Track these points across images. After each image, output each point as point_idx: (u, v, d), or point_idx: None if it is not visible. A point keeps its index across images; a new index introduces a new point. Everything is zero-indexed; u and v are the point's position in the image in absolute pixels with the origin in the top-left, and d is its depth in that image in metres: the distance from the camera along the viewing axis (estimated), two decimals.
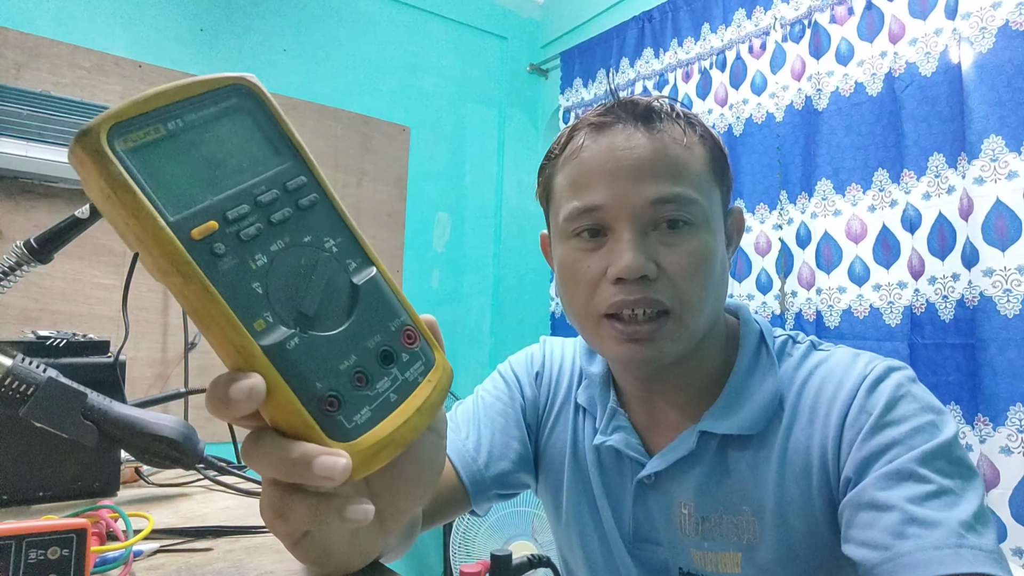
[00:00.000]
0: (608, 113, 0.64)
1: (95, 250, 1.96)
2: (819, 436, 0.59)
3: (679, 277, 0.59)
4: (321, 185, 0.32)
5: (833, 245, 1.73)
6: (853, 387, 0.59)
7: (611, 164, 0.61)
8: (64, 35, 1.95)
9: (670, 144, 0.61)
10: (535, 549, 2.00)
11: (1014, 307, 1.36)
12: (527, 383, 0.80)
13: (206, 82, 0.29)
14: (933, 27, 1.55)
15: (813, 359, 0.65)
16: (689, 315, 0.60)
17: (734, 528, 0.62)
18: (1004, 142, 1.40)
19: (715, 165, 0.64)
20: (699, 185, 0.61)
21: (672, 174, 0.60)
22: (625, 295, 0.59)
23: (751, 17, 1.98)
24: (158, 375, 2.06)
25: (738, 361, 0.66)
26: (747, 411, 0.62)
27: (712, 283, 0.61)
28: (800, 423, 0.61)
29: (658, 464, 0.66)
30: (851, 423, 0.57)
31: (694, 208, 0.60)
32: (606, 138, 0.62)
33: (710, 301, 0.61)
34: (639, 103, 0.63)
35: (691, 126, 0.64)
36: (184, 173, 0.27)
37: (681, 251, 0.59)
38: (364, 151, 2.50)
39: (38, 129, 1.83)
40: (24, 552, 0.45)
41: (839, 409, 0.59)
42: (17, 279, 0.84)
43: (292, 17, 2.38)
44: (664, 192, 0.59)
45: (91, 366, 0.82)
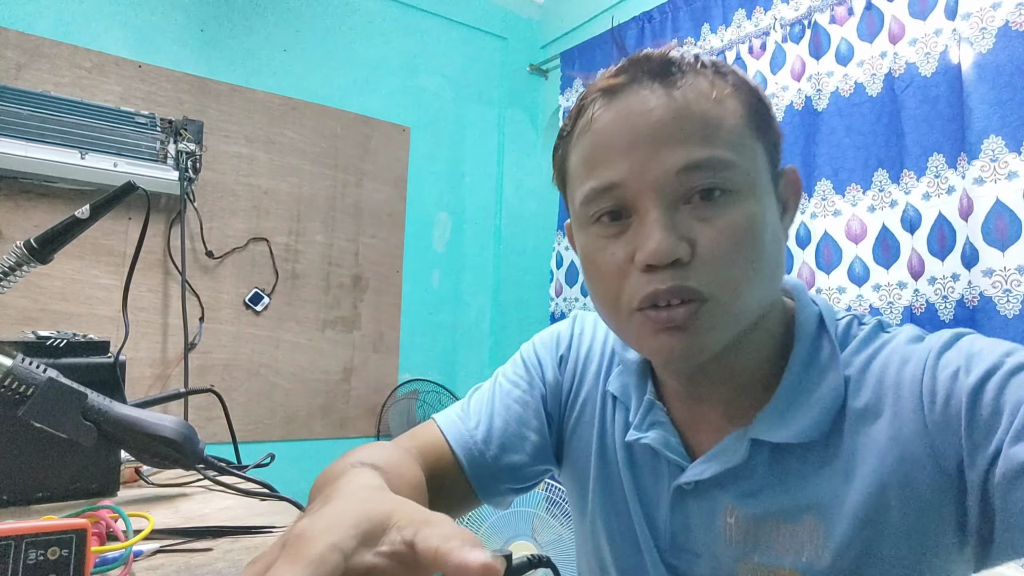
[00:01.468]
0: (620, 73, 0.54)
1: (95, 250, 1.96)
2: (891, 430, 0.51)
3: (719, 257, 0.50)
4: None
5: (833, 245, 1.73)
6: (920, 360, 0.51)
7: (627, 133, 0.52)
8: (64, 35, 1.95)
9: (695, 100, 0.51)
10: (535, 549, 2.00)
11: (1014, 307, 1.36)
12: (550, 367, 0.72)
13: None
14: (933, 27, 1.55)
15: (876, 342, 0.56)
16: (734, 300, 0.51)
17: (792, 537, 0.54)
18: (1004, 142, 1.40)
19: (755, 117, 0.54)
20: (736, 144, 0.51)
21: (701, 135, 0.50)
22: (657, 284, 0.50)
23: (751, 17, 1.98)
24: (158, 375, 2.06)
25: (794, 353, 0.56)
26: (806, 415, 0.54)
27: (762, 260, 0.51)
28: (867, 418, 0.53)
29: (701, 471, 0.57)
30: (931, 407, 0.49)
31: (732, 172, 0.50)
32: (620, 103, 0.53)
33: (761, 282, 0.52)
34: (653, 57, 0.54)
35: (720, 75, 0.54)
36: None
37: (720, 225, 0.50)
38: (364, 151, 2.50)
39: (38, 129, 1.83)
40: (24, 552, 0.45)
41: (909, 394, 0.51)
42: (17, 279, 0.84)
43: (292, 17, 2.38)
44: (693, 157, 0.50)
45: (91, 366, 0.82)
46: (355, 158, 2.48)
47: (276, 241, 2.29)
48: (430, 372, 2.60)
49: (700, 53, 0.56)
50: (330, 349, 2.39)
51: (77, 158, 1.87)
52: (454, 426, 0.69)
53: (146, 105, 2.05)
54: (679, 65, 0.53)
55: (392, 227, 2.57)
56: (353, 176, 2.48)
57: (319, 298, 2.38)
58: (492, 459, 0.68)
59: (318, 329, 2.37)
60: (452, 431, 0.69)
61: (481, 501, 0.69)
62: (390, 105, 2.58)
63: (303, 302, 2.34)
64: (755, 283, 0.52)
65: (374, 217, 2.52)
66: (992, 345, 0.50)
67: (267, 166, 2.28)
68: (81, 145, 1.88)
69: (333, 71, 2.45)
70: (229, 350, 2.19)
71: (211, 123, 2.16)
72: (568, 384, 0.71)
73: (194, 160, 2.06)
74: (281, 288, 2.29)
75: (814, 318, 0.58)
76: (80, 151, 1.88)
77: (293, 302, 2.32)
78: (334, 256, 2.42)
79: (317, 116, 2.40)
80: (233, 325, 2.20)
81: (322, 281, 2.39)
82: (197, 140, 2.08)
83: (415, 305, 2.61)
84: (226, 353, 2.18)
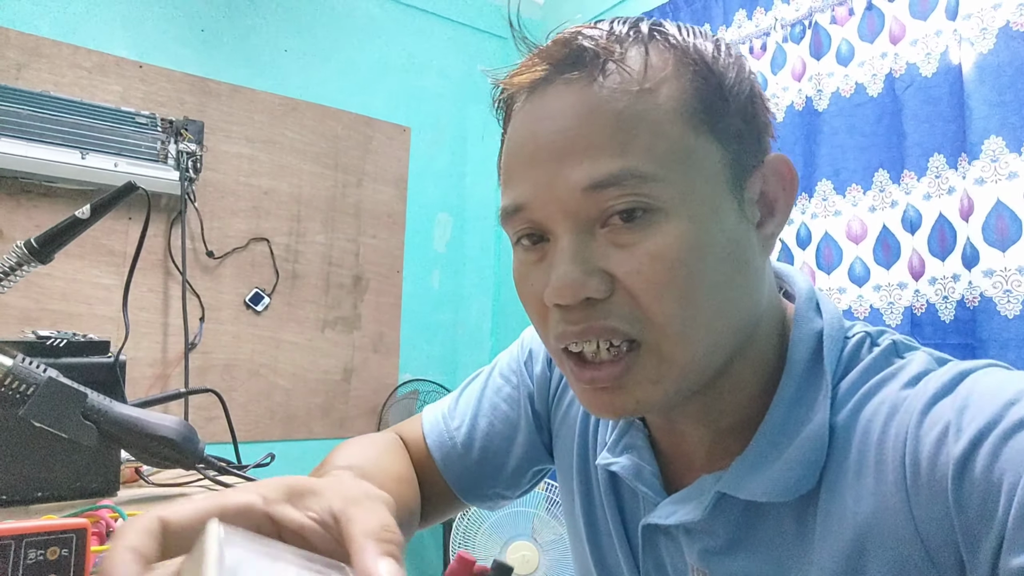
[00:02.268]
0: (537, 65, 0.44)
1: (95, 250, 1.96)
2: (872, 498, 0.40)
3: (641, 291, 0.40)
4: None
5: (833, 246, 1.73)
6: (908, 413, 0.40)
7: (530, 144, 0.43)
8: (65, 36, 1.95)
9: (612, 96, 0.41)
10: (535, 549, 2.00)
11: (1014, 308, 1.36)
12: (539, 360, 0.67)
13: None
14: (934, 28, 1.55)
15: (880, 373, 0.44)
16: (671, 344, 0.41)
17: None
18: (1005, 143, 1.40)
19: (702, 106, 0.42)
20: (663, 149, 0.40)
21: (612, 142, 0.40)
22: (567, 324, 0.42)
23: (751, 18, 1.98)
24: (158, 375, 2.06)
25: (780, 388, 0.45)
26: (783, 467, 0.43)
27: (707, 290, 0.41)
28: (847, 476, 0.42)
29: (667, 514, 0.49)
30: (914, 482, 0.38)
31: (655, 186, 0.40)
32: (533, 102, 0.44)
33: (709, 315, 0.42)
34: (566, 42, 0.44)
35: (659, 53, 0.42)
36: None
37: (640, 253, 0.40)
38: (365, 151, 2.50)
39: (39, 129, 1.83)
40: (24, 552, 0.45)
41: (892, 458, 0.40)
42: (17, 279, 0.84)
43: (293, 17, 2.38)
44: (598, 173, 0.40)
45: (91, 366, 0.82)
46: (356, 158, 2.48)
47: (276, 241, 2.29)
48: (430, 372, 2.60)
49: (641, 22, 0.45)
50: (330, 349, 2.39)
51: (78, 158, 1.87)
52: (436, 427, 0.67)
53: (147, 105, 2.05)
54: (602, 48, 0.42)
55: (392, 227, 2.57)
56: (354, 176, 2.48)
57: (319, 298, 2.38)
58: (475, 463, 0.64)
59: (318, 329, 2.37)
60: (433, 432, 0.67)
61: (466, 504, 0.67)
62: (391, 105, 2.58)
63: (303, 302, 2.34)
64: (699, 321, 0.41)
65: (374, 217, 2.52)
66: (998, 387, 0.38)
67: (268, 166, 2.28)
68: (82, 145, 1.88)
69: (334, 71, 2.45)
70: (229, 350, 2.19)
71: (212, 123, 2.16)
72: (557, 379, 0.65)
73: (195, 160, 2.06)
74: (281, 288, 2.29)
75: (811, 339, 0.46)
76: (81, 151, 1.88)
77: (293, 302, 2.32)
78: (334, 256, 2.42)
79: (318, 116, 2.40)
80: (233, 325, 2.20)
81: (322, 281, 2.39)
82: (198, 140, 2.08)
83: (415, 305, 2.61)
84: (226, 353, 2.18)
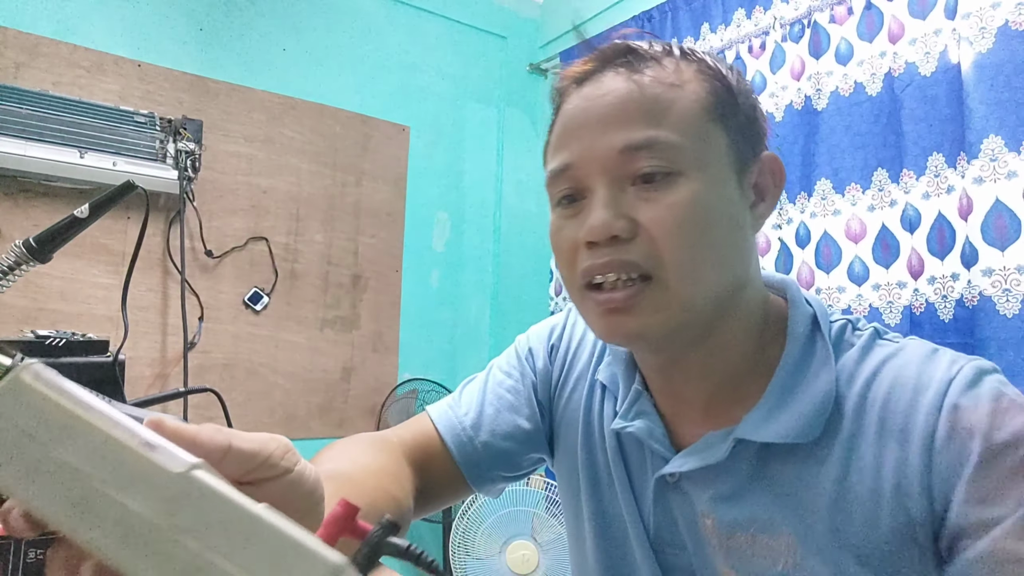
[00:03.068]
0: (588, 62, 0.56)
1: (94, 250, 1.96)
2: (895, 457, 0.49)
3: (660, 235, 0.50)
4: None
5: (832, 245, 1.73)
6: (936, 398, 0.48)
7: (581, 116, 0.54)
8: (63, 35, 1.95)
9: (649, 84, 0.52)
10: (535, 549, 2.00)
11: (1014, 307, 1.36)
12: (541, 356, 0.73)
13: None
14: (933, 27, 1.55)
15: (878, 352, 0.54)
16: (677, 280, 0.50)
17: (768, 550, 0.53)
18: (1004, 142, 1.40)
19: (716, 102, 0.54)
20: (686, 127, 0.51)
21: (647, 116, 0.51)
22: (595, 259, 0.51)
23: (751, 17, 1.98)
24: (157, 375, 2.06)
25: (786, 353, 0.55)
26: (796, 414, 0.52)
27: (711, 242, 0.51)
28: (867, 436, 0.50)
29: (681, 464, 0.57)
30: (943, 447, 0.47)
31: (675, 153, 0.51)
32: (586, 89, 0.55)
33: (709, 263, 0.52)
34: (619, 45, 0.56)
35: (688, 62, 0.55)
36: None
37: (664, 203, 0.50)
38: (363, 150, 2.50)
39: (37, 128, 1.82)
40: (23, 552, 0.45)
41: (922, 426, 0.48)
42: (16, 278, 0.83)
43: (291, 17, 2.37)
44: (633, 138, 0.51)
45: (90, 366, 0.81)
46: (354, 157, 2.48)
47: (275, 240, 2.29)
48: (429, 371, 2.59)
49: (673, 42, 0.57)
50: (329, 348, 2.39)
51: (76, 157, 1.86)
52: (444, 415, 0.71)
53: (145, 104, 2.05)
54: (642, 54, 0.54)
55: (391, 226, 2.56)
56: (352, 175, 2.48)
57: (318, 297, 2.38)
58: (482, 445, 0.68)
59: (317, 328, 2.37)
60: (442, 420, 0.70)
61: (472, 487, 0.70)
62: (389, 104, 2.58)
63: (302, 301, 2.34)
64: (703, 265, 0.51)
65: (373, 216, 2.52)
66: (1017, 403, 0.47)
67: (266, 165, 2.28)
68: (80, 144, 1.88)
69: (332, 70, 2.45)
70: (228, 349, 2.19)
71: (210, 122, 2.16)
72: (557, 373, 0.72)
73: (193, 159, 2.05)
74: (280, 287, 2.29)
75: (807, 318, 0.57)
76: (79, 150, 1.87)
77: (292, 301, 2.32)
78: (333, 255, 2.42)
79: (316, 115, 2.39)
80: (232, 324, 2.20)
81: (321, 280, 2.39)
82: (196, 139, 2.08)
83: (414, 304, 2.60)
84: (225, 352, 2.18)
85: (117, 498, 0.25)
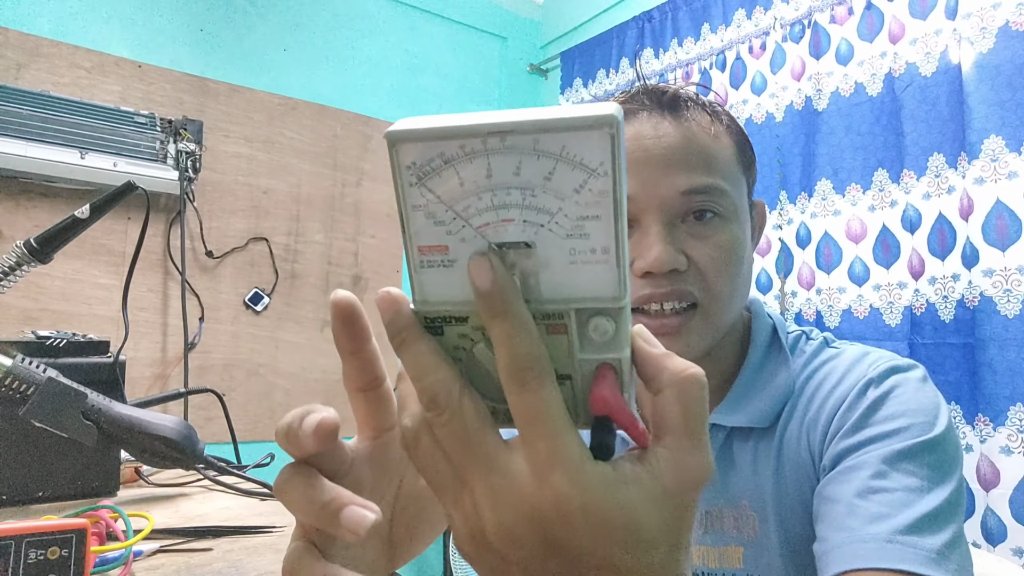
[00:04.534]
0: (633, 100, 0.63)
1: (95, 250, 1.96)
2: (810, 428, 0.59)
3: (709, 270, 0.58)
4: None
5: (833, 245, 1.73)
6: (851, 384, 0.59)
7: (640, 153, 0.59)
8: (64, 35, 1.95)
9: (698, 133, 0.60)
10: None
11: (1014, 307, 1.36)
12: None
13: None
14: (933, 27, 1.55)
15: (823, 355, 0.64)
16: (717, 309, 0.59)
17: (734, 521, 0.62)
18: (1004, 142, 1.40)
19: (742, 156, 0.63)
20: (728, 176, 0.60)
21: (703, 164, 0.59)
22: (654, 288, 0.58)
23: (751, 17, 1.98)
24: (158, 375, 2.06)
25: (749, 355, 0.65)
26: (757, 404, 0.62)
27: (741, 276, 0.61)
28: (796, 415, 0.61)
29: None
30: (839, 418, 0.57)
31: (724, 199, 0.59)
32: (632, 126, 0.61)
33: (738, 295, 0.61)
34: (666, 91, 0.62)
35: (716, 116, 0.63)
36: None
37: (711, 243, 0.58)
38: (364, 151, 2.50)
39: (38, 129, 1.83)
40: (24, 552, 0.45)
41: (832, 403, 0.59)
42: (17, 279, 0.83)
43: (292, 17, 2.37)
44: (696, 182, 0.58)
45: (91, 366, 0.82)
46: (355, 158, 2.48)
47: (276, 241, 2.29)
48: None
49: (698, 93, 0.65)
50: (329, 349, 2.39)
51: (77, 158, 1.86)
52: None
53: (146, 105, 2.05)
54: (686, 101, 0.62)
55: (391, 227, 2.56)
56: (353, 176, 2.48)
57: (318, 298, 2.38)
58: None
59: (317, 329, 2.37)
60: None
61: None
62: (390, 105, 2.58)
63: (302, 302, 2.34)
64: (735, 296, 0.61)
65: (373, 217, 2.52)
66: (907, 391, 0.57)
67: (267, 166, 2.28)
68: (81, 145, 1.88)
69: (333, 71, 2.45)
70: (229, 350, 2.19)
71: (211, 123, 2.16)
72: None
73: (194, 160, 2.06)
74: (281, 288, 2.29)
75: (768, 328, 0.67)
76: (80, 151, 1.87)
77: (293, 302, 2.32)
78: (333, 256, 2.42)
79: (317, 116, 2.39)
80: (233, 325, 2.20)
81: (322, 281, 2.39)
82: (197, 140, 2.08)
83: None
84: (226, 353, 2.18)
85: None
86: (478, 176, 0.24)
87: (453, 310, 0.26)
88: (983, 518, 1.37)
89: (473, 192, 0.24)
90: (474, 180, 0.24)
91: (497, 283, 0.24)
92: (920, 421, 0.54)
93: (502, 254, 0.24)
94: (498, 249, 0.24)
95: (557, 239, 0.24)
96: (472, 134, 0.23)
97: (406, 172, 0.24)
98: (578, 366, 0.26)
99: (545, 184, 0.23)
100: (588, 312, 0.25)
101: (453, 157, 0.24)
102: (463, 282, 0.25)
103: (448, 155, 0.24)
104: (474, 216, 0.24)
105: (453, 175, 0.24)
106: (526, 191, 0.24)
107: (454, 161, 0.24)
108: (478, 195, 0.24)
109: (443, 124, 0.23)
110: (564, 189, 0.23)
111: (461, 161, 0.24)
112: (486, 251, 0.24)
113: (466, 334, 0.26)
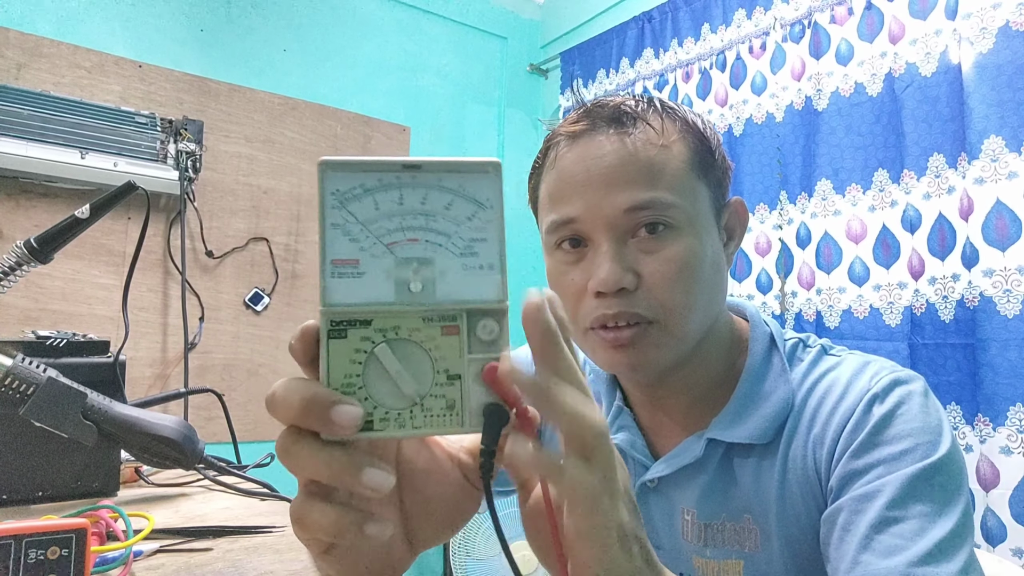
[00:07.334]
0: (580, 120, 0.63)
1: (95, 250, 1.96)
2: (816, 446, 0.59)
3: (660, 286, 0.58)
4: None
5: (833, 245, 1.73)
6: (855, 400, 0.58)
7: (582, 175, 0.60)
8: (64, 35, 1.95)
9: (643, 147, 0.59)
10: None
11: (1014, 307, 1.36)
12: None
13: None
14: (933, 27, 1.55)
15: (823, 365, 0.63)
16: (675, 322, 0.59)
17: (736, 536, 0.62)
18: (1004, 142, 1.40)
19: (698, 160, 0.61)
20: (678, 186, 0.59)
21: (646, 179, 0.58)
22: (605, 309, 0.58)
23: (751, 17, 1.98)
24: (158, 375, 2.06)
25: (747, 365, 0.64)
26: (757, 419, 0.61)
27: (700, 287, 0.60)
28: (801, 431, 0.60)
29: (663, 468, 0.65)
30: (846, 437, 0.57)
31: (673, 211, 0.59)
32: (579, 147, 0.61)
33: (699, 305, 0.60)
34: (607, 105, 0.62)
35: (670, 120, 0.62)
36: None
37: (661, 258, 0.58)
38: (364, 151, 2.50)
39: (38, 129, 1.83)
40: (24, 552, 0.45)
41: (838, 421, 0.58)
42: (17, 279, 0.84)
43: (292, 17, 2.37)
44: (638, 199, 0.58)
45: (91, 366, 0.82)
46: None
47: (276, 241, 2.29)
48: None
49: (653, 97, 0.65)
50: None
51: (77, 158, 1.87)
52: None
53: (146, 105, 2.05)
54: (630, 115, 0.61)
55: None
56: None
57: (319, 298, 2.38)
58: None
59: None
60: None
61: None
62: (390, 105, 2.58)
63: (303, 302, 2.34)
64: (694, 308, 0.59)
65: None
66: (911, 410, 0.56)
67: (267, 166, 2.28)
68: (81, 145, 1.88)
69: (333, 71, 2.45)
70: (229, 350, 2.19)
71: (211, 123, 2.16)
72: None
73: (194, 160, 2.06)
74: (281, 288, 2.29)
75: (766, 337, 0.66)
76: (80, 151, 1.87)
77: (293, 302, 2.32)
78: None
79: (317, 116, 2.39)
80: (233, 325, 2.20)
81: None
82: (197, 140, 2.08)
83: None
84: (226, 353, 2.18)
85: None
86: (391, 203, 0.30)
87: (359, 313, 0.30)
88: (983, 518, 1.37)
89: (386, 215, 0.30)
90: (388, 206, 0.30)
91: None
92: (927, 440, 0.54)
93: (407, 262, 0.30)
94: (404, 260, 0.30)
95: (453, 256, 0.31)
96: (389, 169, 0.30)
97: (330, 196, 0.30)
98: (467, 365, 0.31)
99: (445, 212, 0.30)
100: (477, 314, 0.31)
101: (372, 187, 0.30)
102: (369, 289, 0.30)
103: (368, 184, 0.30)
104: (385, 235, 0.30)
105: (371, 201, 0.30)
106: (429, 217, 0.30)
107: (373, 190, 0.30)
108: (390, 218, 0.30)
109: (367, 159, 0.30)
110: (460, 217, 0.31)
111: (379, 190, 0.30)
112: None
113: (368, 336, 0.31)
